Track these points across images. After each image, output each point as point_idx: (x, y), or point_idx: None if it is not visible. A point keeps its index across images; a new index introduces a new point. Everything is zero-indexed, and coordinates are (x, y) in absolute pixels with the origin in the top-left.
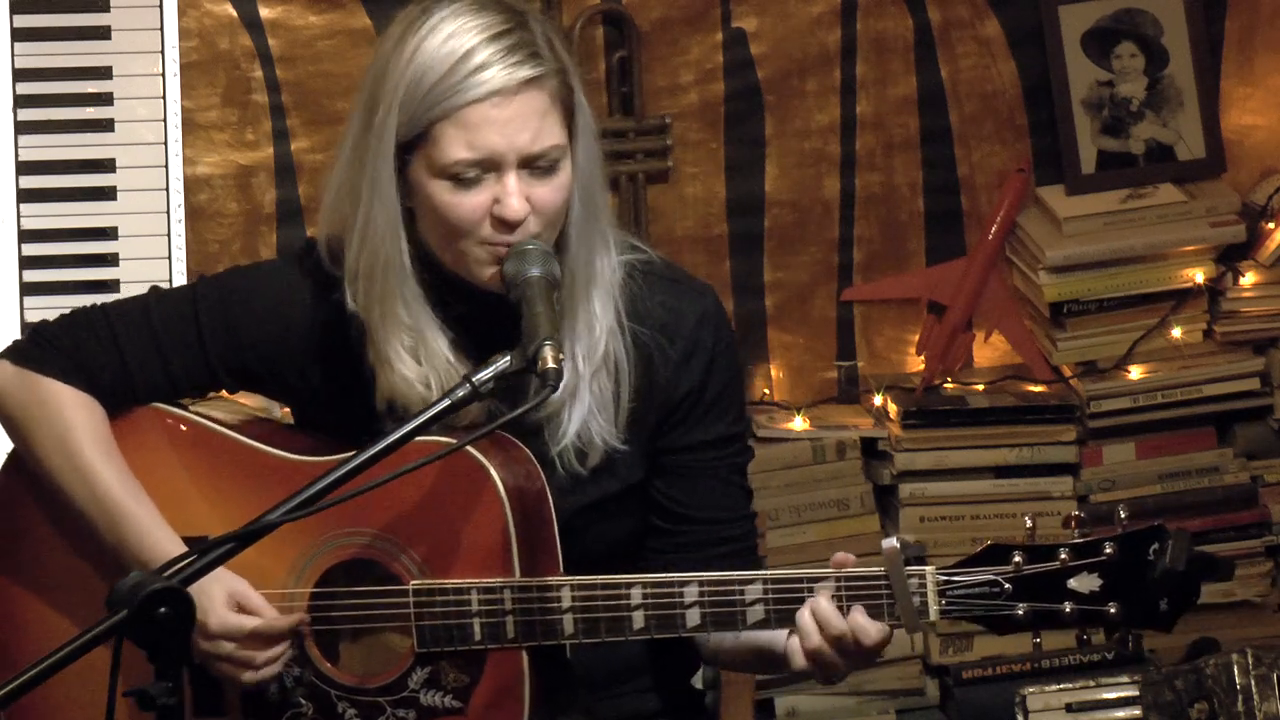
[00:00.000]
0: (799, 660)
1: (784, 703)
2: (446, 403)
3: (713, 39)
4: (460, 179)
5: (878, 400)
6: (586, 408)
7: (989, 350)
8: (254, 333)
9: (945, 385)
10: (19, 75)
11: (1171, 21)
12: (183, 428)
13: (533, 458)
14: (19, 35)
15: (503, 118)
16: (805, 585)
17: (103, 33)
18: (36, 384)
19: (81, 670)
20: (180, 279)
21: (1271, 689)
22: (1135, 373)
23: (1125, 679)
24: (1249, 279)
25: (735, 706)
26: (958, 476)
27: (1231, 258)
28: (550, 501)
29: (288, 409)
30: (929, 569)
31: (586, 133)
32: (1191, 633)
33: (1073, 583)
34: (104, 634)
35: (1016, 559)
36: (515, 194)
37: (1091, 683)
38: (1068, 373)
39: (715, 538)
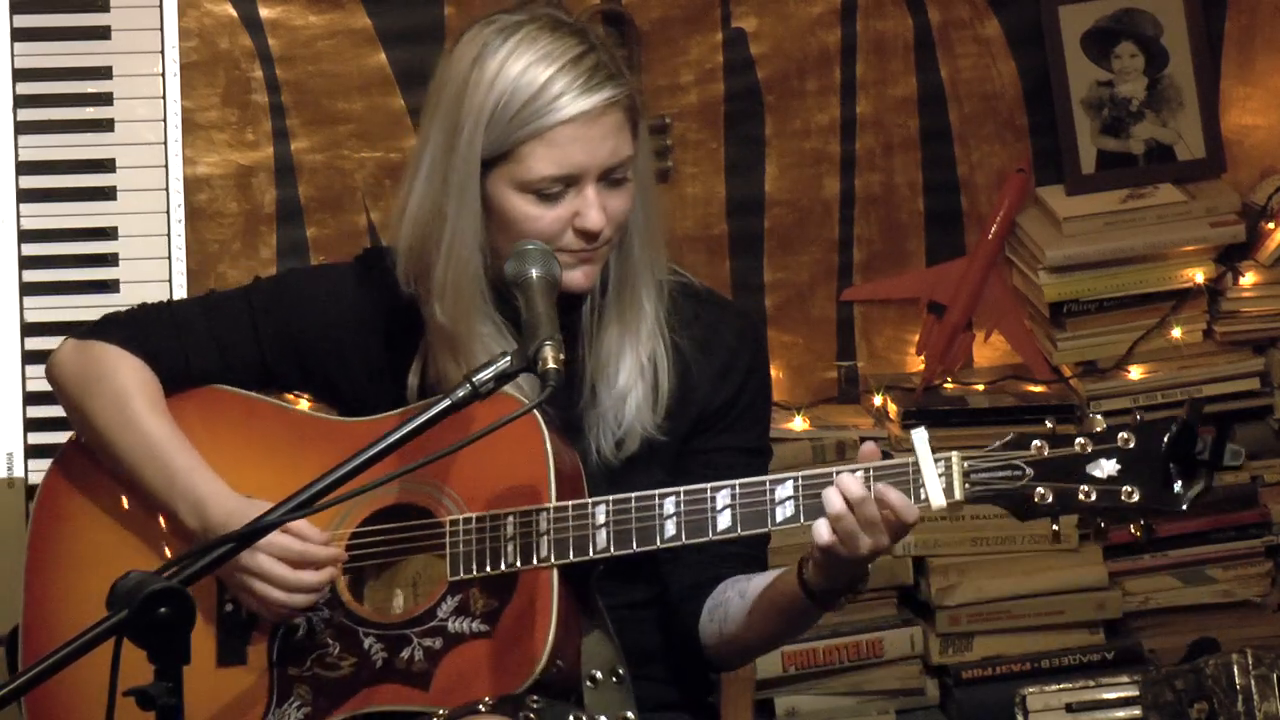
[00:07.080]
0: (823, 534)
1: (784, 703)
2: (447, 403)
3: (713, 39)
4: (544, 194)
5: (878, 400)
6: (638, 400)
7: (989, 350)
8: (302, 322)
9: (945, 385)
10: (19, 75)
11: (1171, 21)
12: (235, 402)
13: (570, 445)
14: (19, 35)
15: (587, 136)
16: (834, 476)
17: (103, 33)
18: (95, 350)
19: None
20: (180, 279)
21: (1271, 689)
22: (1135, 373)
23: (1125, 679)
24: (1249, 279)
25: (735, 706)
26: None
27: (1231, 258)
28: (585, 485)
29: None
30: (955, 454)
31: (644, 139)
32: (1191, 633)
33: (1091, 468)
34: (104, 634)
35: (1036, 444)
36: (596, 206)
37: (1091, 683)
38: (1068, 373)
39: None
